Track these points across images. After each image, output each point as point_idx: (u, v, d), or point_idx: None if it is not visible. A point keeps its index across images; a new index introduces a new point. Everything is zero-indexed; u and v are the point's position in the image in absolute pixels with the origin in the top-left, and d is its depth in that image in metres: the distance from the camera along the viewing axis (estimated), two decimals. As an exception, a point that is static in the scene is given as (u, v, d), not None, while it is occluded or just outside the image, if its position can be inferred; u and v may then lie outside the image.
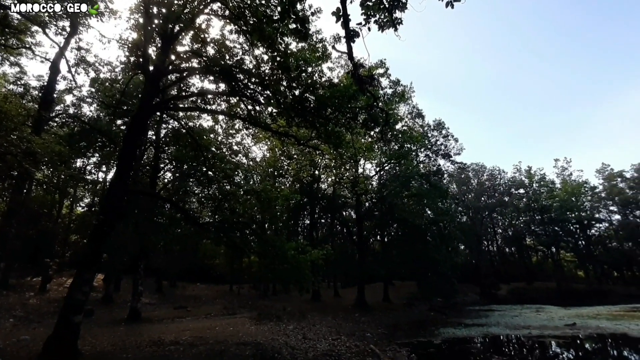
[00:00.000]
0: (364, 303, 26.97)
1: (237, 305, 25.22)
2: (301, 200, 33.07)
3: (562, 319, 21.30)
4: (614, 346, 14.24)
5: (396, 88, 27.06)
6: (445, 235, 33.29)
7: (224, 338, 11.51)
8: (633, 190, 58.84)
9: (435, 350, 13.59)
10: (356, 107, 10.02)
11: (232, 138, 23.49)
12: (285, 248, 10.91)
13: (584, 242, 56.86)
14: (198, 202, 25.35)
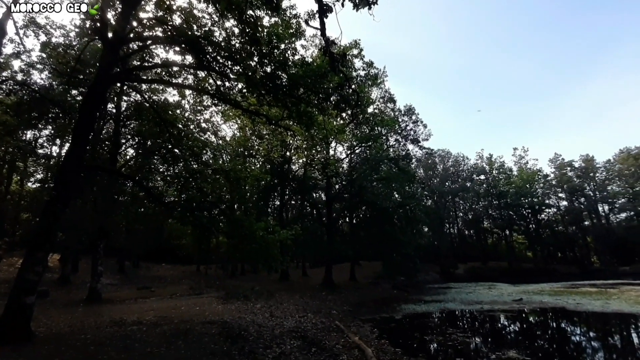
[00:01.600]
0: (331, 282, 27.73)
1: (204, 285, 25.02)
2: (271, 181, 32.81)
3: (511, 295, 23.22)
4: (553, 318, 15.81)
5: (369, 70, 27.01)
6: (410, 218, 34.62)
7: (190, 317, 11.43)
8: (580, 179, 64.21)
9: (396, 325, 14.36)
10: (329, 88, 9.91)
11: (200, 115, 22.54)
12: (254, 228, 10.85)
13: (534, 226, 61.59)
14: (163, 181, 24.37)
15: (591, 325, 14.15)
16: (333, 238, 31.29)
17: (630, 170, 59.75)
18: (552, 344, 11.26)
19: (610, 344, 11.24)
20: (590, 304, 17.99)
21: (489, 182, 63.27)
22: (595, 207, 63.56)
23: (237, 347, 7.79)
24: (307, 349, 8.48)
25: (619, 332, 12.76)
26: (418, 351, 9.87)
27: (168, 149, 17.32)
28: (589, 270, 53.05)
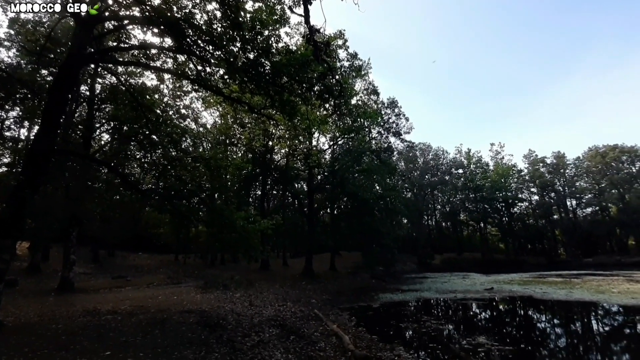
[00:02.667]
0: (311, 272, 27.99)
1: (183, 274, 24.70)
2: (253, 170, 32.49)
3: (483, 285, 24.23)
4: (521, 306, 16.65)
5: (353, 61, 26.94)
6: (391, 210, 35.27)
7: (167, 307, 11.29)
8: (551, 175, 67.17)
9: (373, 313, 14.73)
10: (312, 78, 9.81)
11: (180, 100, 21.87)
12: (234, 217, 10.75)
13: (507, 219, 64.19)
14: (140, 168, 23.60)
15: (555, 312, 15.00)
16: (314, 228, 31.48)
17: (597, 168, 62.99)
18: (519, 330, 11.88)
19: (571, 329, 11.98)
20: (556, 292, 19.05)
21: (466, 176, 65.13)
22: (564, 202, 66.83)
23: (215, 336, 7.78)
24: (286, 337, 8.58)
25: (580, 319, 13.61)
26: (394, 338, 10.18)
27: (145, 135, 16.74)
28: (555, 262, 56.00)
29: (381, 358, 7.47)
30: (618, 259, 52.74)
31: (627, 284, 21.84)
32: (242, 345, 7.32)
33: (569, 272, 36.13)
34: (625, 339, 10.46)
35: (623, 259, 51.70)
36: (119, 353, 6.26)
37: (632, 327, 11.74)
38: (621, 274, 29.97)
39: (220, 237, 11.80)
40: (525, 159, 69.30)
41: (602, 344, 9.99)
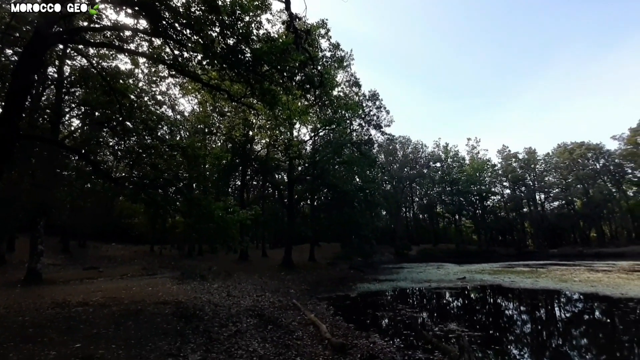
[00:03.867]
0: (290, 263, 28.10)
1: (159, 265, 24.17)
2: (233, 160, 31.97)
3: (456, 274, 25.17)
4: (490, 294, 17.46)
5: (335, 52, 26.76)
6: (370, 202, 35.78)
7: (142, 298, 11.04)
8: (522, 170, 70.13)
9: (351, 302, 15.03)
10: (294, 67, 9.68)
11: (156, 86, 21.05)
12: (212, 208, 10.57)
13: (481, 212, 66.67)
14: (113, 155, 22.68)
15: (522, 300, 15.83)
16: (294, 219, 31.51)
17: (565, 163, 66.25)
18: (488, 317, 12.47)
19: (536, 315, 12.69)
20: (523, 281, 20.07)
21: (443, 169, 66.89)
22: (533, 196, 70.10)
23: (191, 327, 7.71)
24: (264, 327, 8.62)
25: (544, 306, 14.44)
26: (370, 326, 10.45)
27: (119, 121, 16.07)
28: (524, 252, 58.81)
29: (357, 345, 7.65)
30: (580, 250, 56.07)
31: (587, 273, 23.31)
32: (218, 336, 7.30)
33: (535, 262, 38.14)
34: (583, 324, 11.22)
35: (585, 250, 55.02)
36: (89, 345, 6.10)
37: (590, 313, 12.60)
38: (583, 264, 31.93)
39: (197, 228, 11.60)
40: (499, 154, 71.93)
41: (563, 329, 10.66)
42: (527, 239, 70.80)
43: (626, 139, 58.16)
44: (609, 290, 15.48)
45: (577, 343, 9.20)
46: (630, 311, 11.77)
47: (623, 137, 58.85)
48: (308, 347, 7.22)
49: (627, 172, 61.11)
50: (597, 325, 10.90)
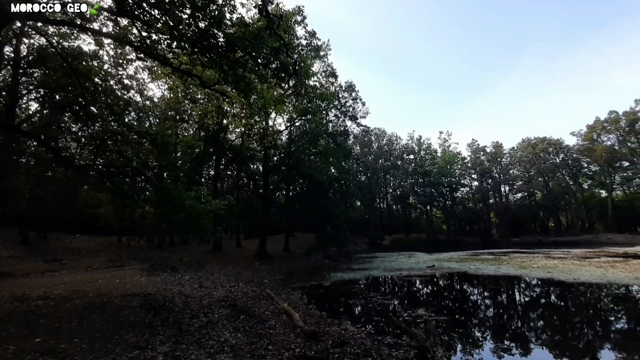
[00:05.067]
0: (265, 253, 28.02)
1: (127, 257, 23.33)
2: (206, 149, 31.11)
3: (426, 262, 26.16)
4: (457, 281, 18.32)
5: (312, 40, 26.45)
6: (345, 193, 36.18)
7: (108, 290, 10.64)
8: (489, 163, 73.41)
9: (324, 291, 15.26)
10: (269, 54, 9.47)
11: (123, 69, 19.95)
12: (183, 197, 10.28)
13: (450, 202, 69.29)
14: (76, 142, 21.42)
15: (485, 285, 16.74)
16: (269, 210, 31.33)
17: (528, 157, 69.96)
18: (454, 302, 13.10)
19: (497, 299, 13.49)
20: (487, 268, 21.20)
21: (417, 161, 68.64)
22: (498, 188, 73.76)
23: (160, 319, 7.54)
24: (236, 317, 8.59)
25: (505, 291, 15.36)
26: (342, 314, 10.70)
27: (81, 106, 15.13)
28: (489, 241, 61.96)
29: (329, 332, 7.81)
30: (540, 238, 59.88)
31: (545, 260, 24.97)
32: (189, 327, 7.19)
33: (499, 250, 40.33)
34: (540, 307, 12.05)
35: (544, 239, 58.83)
36: (50, 339, 5.83)
37: (546, 297, 13.54)
38: (541, 252, 34.15)
39: (168, 218, 11.26)
40: (468, 148, 74.78)
41: (522, 312, 11.41)
42: (492, 229, 74.58)
43: (583, 135, 62.17)
44: (563, 276, 16.68)
45: (534, 325, 9.88)
46: (581, 294, 12.78)
47: (581, 134, 62.86)
48: (280, 336, 7.29)
49: (583, 166, 65.65)
50: (552, 307, 11.75)
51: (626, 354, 6.95)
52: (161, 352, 5.56)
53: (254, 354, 5.83)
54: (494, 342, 8.06)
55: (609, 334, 8.60)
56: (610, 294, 12.78)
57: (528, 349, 7.50)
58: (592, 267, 19.63)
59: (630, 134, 56.11)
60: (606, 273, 16.92)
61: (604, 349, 7.36)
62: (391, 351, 6.65)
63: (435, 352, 6.37)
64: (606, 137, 59.58)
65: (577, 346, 7.70)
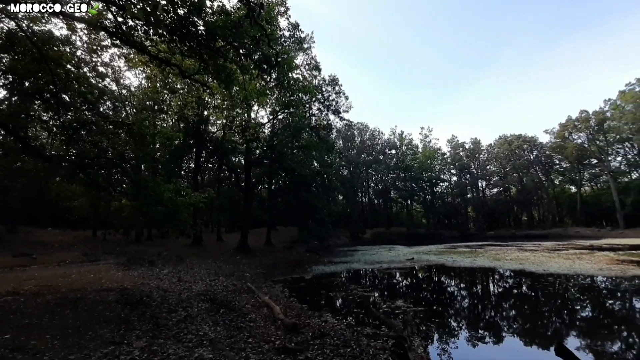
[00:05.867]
0: (246, 247, 27.84)
1: (102, 251, 22.62)
2: (186, 141, 30.42)
3: (406, 255, 26.74)
4: (435, 273, 18.85)
5: (295, 32, 26.11)
6: (327, 186, 36.34)
7: (82, 285, 10.32)
8: (468, 159, 75.40)
9: (305, 284, 15.35)
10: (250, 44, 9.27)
11: (97, 56, 19.12)
12: (161, 190, 10.02)
13: (430, 197, 70.85)
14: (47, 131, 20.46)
15: (462, 277, 17.30)
16: (251, 203, 31.06)
17: (504, 154, 72.33)
18: (432, 293, 13.49)
19: (472, 290, 13.99)
20: (463, 261, 21.90)
21: (398, 156, 69.65)
22: (476, 183, 76.04)
23: (137, 313, 7.39)
24: (216, 310, 8.52)
25: (480, 282, 15.94)
26: (323, 306, 10.81)
27: (53, 93, 14.41)
28: (466, 234, 63.94)
29: (309, 324, 7.88)
30: (513, 232, 62.33)
31: (517, 252, 26.04)
32: (167, 321, 7.08)
33: (475, 243, 41.71)
34: (512, 297, 12.59)
35: (517, 232, 61.28)
36: (20, 335, 5.61)
37: (517, 287, 14.16)
38: (514, 245, 35.59)
39: (145, 211, 10.96)
40: (448, 144, 76.51)
41: (495, 302, 11.88)
42: (469, 223, 76.99)
43: (556, 133, 64.75)
44: (533, 267, 17.46)
45: (506, 314, 10.33)
46: (550, 285, 13.44)
47: (554, 132, 65.43)
48: (261, 329, 7.30)
49: (555, 163, 68.57)
50: (523, 297, 12.30)
51: (590, 340, 7.39)
52: (137, 347, 5.46)
53: (234, 347, 5.82)
54: (469, 331, 8.38)
55: (575, 321, 9.10)
56: (577, 285, 13.49)
57: (500, 337, 7.84)
58: (561, 259, 20.64)
59: (599, 132, 58.92)
60: (573, 265, 17.83)
61: (570, 336, 7.79)
62: (370, 341, 6.80)
63: (412, 342, 6.56)
64: (577, 135, 62.28)
65: (546, 333, 8.11)
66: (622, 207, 52.50)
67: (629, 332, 7.99)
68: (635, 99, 50.63)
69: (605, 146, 58.86)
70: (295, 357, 5.54)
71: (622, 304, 10.63)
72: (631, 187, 53.63)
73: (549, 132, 66.55)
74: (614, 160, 60.24)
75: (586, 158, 61.50)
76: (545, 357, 6.29)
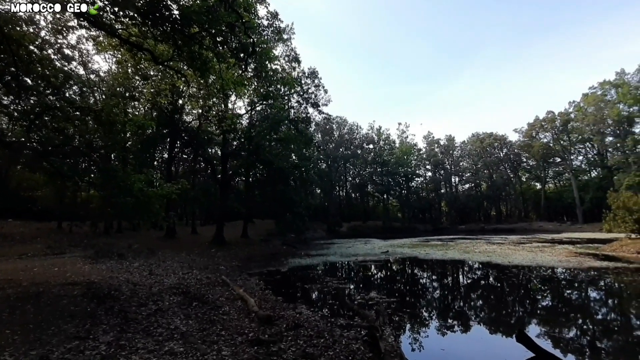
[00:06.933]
0: (222, 239, 27.43)
1: (68, 244, 21.57)
2: (159, 130, 29.36)
3: (381, 248, 27.33)
4: (408, 265, 19.42)
5: (274, 22, 25.63)
6: (305, 180, 36.26)
7: (45, 279, 9.83)
8: (442, 155, 77.63)
9: (281, 277, 15.38)
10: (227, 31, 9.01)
11: (63, 38, 17.97)
12: (132, 180, 9.64)
13: (406, 192, 72.49)
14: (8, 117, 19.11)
15: (433, 269, 17.93)
16: (227, 195, 30.54)
17: (476, 151, 75.04)
18: (405, 285, 13.90)
19: (443, 282, 14.55)
20: (435, 253, 22.68)
21: (376, 151, 70.54)
22: (449, 178, 78.61)
23: (104, 308, 7.14)
24: (188, 304, 8.38)
25: (450, 273, 16.59)
26: (298, 298, 10.89)
27: (14, 75, 13.43)
28: (439, 228, 66.07)
29: (284, 316, 7.92)
30: (483, 226, 65.09)
31: (485, 245, 27.25)
32: (136, 315, 6.89)
33: (447, 236, 43.25)
34: (479, 287, 13.20)
35: (486, 226, 64.04)
36: (-26, 333, 5.30)
37: (485, 278, 14.85)
38: (483, 238, 37.20)
39: (114, 202, 10.52)
40: (424, 139, 78.35)
41: (464, 292, 12.41)
42: (442, 217, 79.56)
43: (524, 132, 67.81)
44: (500, 260, 18.36)
45: (474, 304, 10.83)
46: (514, 276, 14.20)
47: (522, 131, 68.49)
48: (235, 321, 7.26)
49: (523, 160, 71.94)
50: (489, 288, 12.92)
51: (549, 327, 7.89)
52: (104, 342, 5.29)
53: (206, 340, 5.77)
54: (439, 321, 8.72)
55: (536, 310, 9.69)
56: (539, 276, 14.33)
57: (468, 326, 8.21)
58: (525, 251, 21.82)
59: (563, 132, 62.27)
60: (536, 257, 18.90)
61: (532, 324, 8.28)
62: (343, 332, 6.93)
63: (383, 331, 6.75)
64: (543, 134, 65.57)
65: (509, 322, 8.58)
66: (582, 203, 56.03)
67: (583, 320, 8.60)
68: (597, 101, 53.79)
69: (568, 146, 62.34)
70: (268, 348, 5.56)
71: (578, 293, 11.42)
72: (590, 184, 57.30)
73: (518, 131, 69.63)
74: (575, 159, 64.10)
75: (551, 157, 64.94)
76: (508, 343, 6.66)
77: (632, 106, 49.65)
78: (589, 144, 61.17)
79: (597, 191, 52.36)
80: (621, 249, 19.80)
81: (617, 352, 6.42)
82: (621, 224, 22.15)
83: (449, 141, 77.23)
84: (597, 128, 54.45)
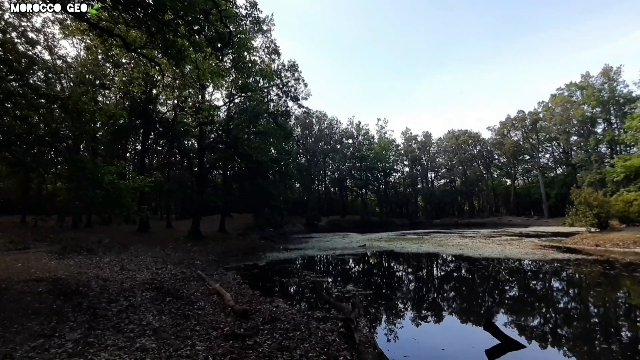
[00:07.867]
0: (198, 234, 26.89)
1: (32, 239, 20.41)
2: (131, 120, 28.26)
3: (358, 242, 27.72)
4: (385, 258, 19.83)
5: (252, 11, 25.08)
6: (284, 174, 36.08)
7: (7, 275, 9.29)
8: (419, 151, 79.36)
9: (258, 271, 15.30)
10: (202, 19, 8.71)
11: (27, 20, 16.85)
12: (101, 172, 9.23)
13: (384, 186, 73.72)
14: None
15: (409, 262, 18.41)
16: (203, 189, 29.89)
17: (451, 148, 77.22)
18: (381, 277, 14.19)
19: (418, 274, 14.98)
20: (411, 247, 23.27)
21: (355, 146, 71.15)
22: (426, 174, 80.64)
23: (71, 304, 6.85)
24: (162, 299, 8.19)
25: (425, 265, 17.09)
26: (275, 292, 10.89)
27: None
28: (415, 222, 67.78)
29: (260, 310, 7.90)
30: (456, 220, 67.34)
31: (458, 239, 28.24)
32: (106, 312, 6.66)
33: (423, 230, 44.48)
34: (452, 278, 13.70)
35: (459, 221, 66.31)
36: None
37: (456, 270, 15.41)
38: (456, 232, 38.53)
39: (82, 195, 10.05)
40: (402, 135, 79.74)
41: (438, 283, 12.84)
42: (418, 211, 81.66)
43: (497, 130, 70.41)
44: (471, 252, 19.10)
45: (446, 295, 11.22)
46: (484, 267, 14.84)
47: (495, 129, 71.07)
48: (210, 316, 7.17)
49: (495, 157, 74.83)
50: (461, 279, 13.44)
51: (515, 316, 8.31)
52: (71, 340, 5.09)
53: (179, 336, 5.67)
54: (413, 312, 8.99)
55: (504, 299, 10.18)
56: (507, 267, 15.03)
57: (440, 316, 8.51)
58: (495, 244, 22.80)
59: (532, 131, 65.19)
60: (504, 250, 19.80)
61: (499, 313, 8.70)
62: (319, 324, 7.01)
63: (358, 323, 6.89)
64: (514, 133, 68.35)
65: (479, 311, 8.96)
66: (548, 198, 59.07)
67: (546, 308, 9.12)
68: (563, 102, 56.58)
69: (536, 144, 65.35)
70: (244, 342, 5.54)
71: (542, 284, 12.08)
72: (556, 181, 60.43)
73: (490, 129, 72.21)
74: (543, 157, 67.35)
75: (521, 154, 67.86)
76: (477, 332, 6.96)
77: (595, 107, 52.66)
78: (556, 143, 64.44)
79: (561, 187, 55.29)
80: (582, 242, 21.11)
81: (576, 338, 6.87)
82: (582, 218, 23.60)
83: (426, 137, 79.05)
84: (563, 127, 57.40)
